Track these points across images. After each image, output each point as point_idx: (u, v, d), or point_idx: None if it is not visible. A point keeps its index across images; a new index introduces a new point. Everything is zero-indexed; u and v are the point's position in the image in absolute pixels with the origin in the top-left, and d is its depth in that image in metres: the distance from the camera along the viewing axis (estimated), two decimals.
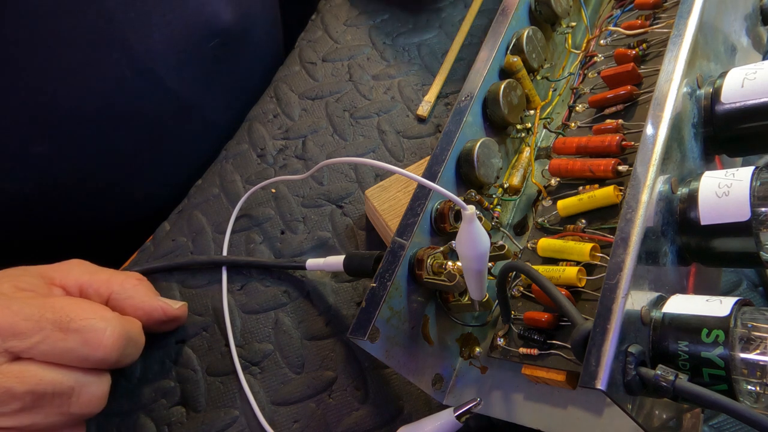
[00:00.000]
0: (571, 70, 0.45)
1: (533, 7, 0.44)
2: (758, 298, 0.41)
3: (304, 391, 0.40)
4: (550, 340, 0.32)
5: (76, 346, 0.32)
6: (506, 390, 0.34)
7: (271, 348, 0.41)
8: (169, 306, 0.40)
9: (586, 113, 0.41)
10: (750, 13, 0.43)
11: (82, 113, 0.44)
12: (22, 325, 0.31)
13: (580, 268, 0.32)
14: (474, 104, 0.38)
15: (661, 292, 0.29)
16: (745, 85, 0.33)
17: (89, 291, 0.38)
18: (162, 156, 0.52)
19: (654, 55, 0.39)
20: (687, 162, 0.33)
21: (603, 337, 0.26)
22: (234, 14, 0.51)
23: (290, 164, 0.50)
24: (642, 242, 0.28)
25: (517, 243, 0.39)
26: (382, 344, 0.32)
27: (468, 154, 0.36)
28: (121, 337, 0.34)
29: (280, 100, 0.53)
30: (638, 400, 0.27)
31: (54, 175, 0.46)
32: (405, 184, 0.43)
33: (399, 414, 0.38)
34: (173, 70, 0.48)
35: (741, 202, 0.29)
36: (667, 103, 0.32)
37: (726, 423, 0.37)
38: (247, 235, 0.46)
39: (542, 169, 0.40)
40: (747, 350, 0.26)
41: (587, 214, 0.35)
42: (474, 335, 0.37)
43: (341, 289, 0.43)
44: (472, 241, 0.28)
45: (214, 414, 0.39)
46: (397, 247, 0.33)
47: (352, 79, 0.54)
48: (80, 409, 0.33)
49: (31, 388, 0.31)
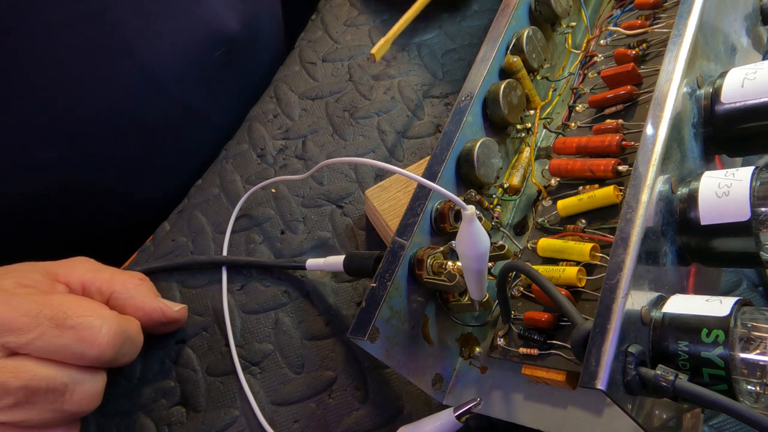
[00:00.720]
0: (571, 70, 0.45)
1: (533, 7, 0.44)
2: (758, 298, 0.41)
3: (304, 391, 0.40)
4: (550, 340, 0.32)
5: (71, 342, 0.33)
6: (506, 390, 0.34)
7: (271, 348, 0.41)
8: (168, 308, 0.40)
9: (586, 113, 0.41)
10: (750, 13, 0.43)
11: (88, 120, 0.45)
12: (19, 321, 0.32)
13: (580, 268, 0.32)
14: (474, 104, 0.38)
15: (661, 292, 0.29)
16: (745, 85, 0.33)
17: (91, 289, 0.38)
18: (164, 159, 0.52)
19: (654, 55, 0.39)
20: (687, 162, 0.33)
21: (603, 337, 0.26)
22: (240, 23, 0.52)
23: (290, 164, 0.50)
24: (642, 242, 0.28)
25: (517, 243, 0.39)
26: (382, 344, 0.32)
27: (468, 154, 0.36)
28: (117, 335, 0.34)
29: (280, 100, 0.53)
30: (638, 400, 0.27)
31: (59, 180, 0.46)
32: (405, 184, 0.43)
33: (399, 414, 0.38)
34: (179, 77, 0.48)
35: (741, 202, 0.29)
36: (667, 103, 0.32)
37: (726, 423, 0.37)
38: (247, 235, 0.46)
39: (542, 169, 0.40)
40: (747, 350, 0.26)
41: (587, 214, 0.35)
42: (474, 335, 0.37)
43: (341, 289, 0.43)
44: (472, 241, 0.28)
45: (214, 414, 0.39)
46: (397, 247, 0.33)
47: (352, 79, 0.54)
48: (74, 406, 0.33)
49: (25, 383, 0.31)
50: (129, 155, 0.50)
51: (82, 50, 0.42)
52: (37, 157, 0.45)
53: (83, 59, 0.42)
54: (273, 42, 0.60)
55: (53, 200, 0.47)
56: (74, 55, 0.42)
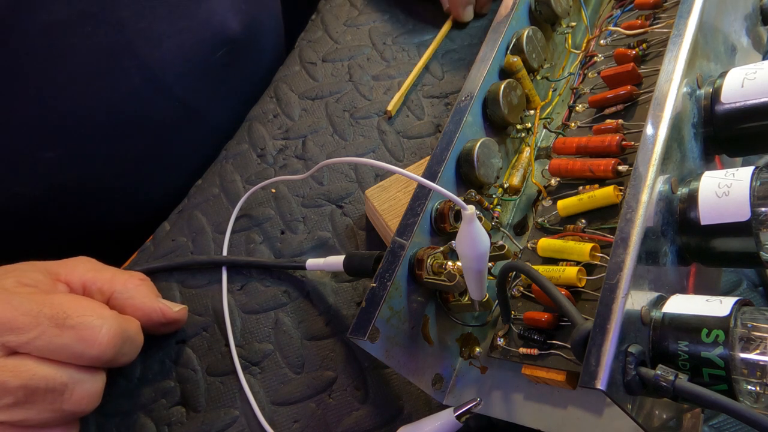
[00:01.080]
0: (571, 70, 0.45)
1: (533, 7, 0.44)
2: (758, 298, 0.41)
3: (304, 391, 0.40)
4: (550, 340, 0.32)
5: (71, 342, 0.33)
6: (506, 390, 0.34)
7: (271, 348, 0.41)
8: (168, 308, 0.40)
9: (586, 113, 0.41)
10: (750, 13, 0.43)
11: (91, 120, 0.45)
12: (20, 320, 0.32)
13: (580, 268, 0.32)
14: (474, 104, 0.38)
15: (661, 292, 0.29)
16: (745, 85, 0.33)
17: (92, 288, 0.38)
18: (164, 159, 0.52)
19: (654, 55, 0.39)
20: (687, 162, 0.33)
21: (603, 337, 0.26)
22: (241, 24, 0.52)
23: (290, 164, 0.50)
24: (642, 242, 0.28)
25: (517, 243, 0.39)
26: (382, 344, 0.32)
27: (468, 154, 0.36)
28: (116, 335, 0.34)
29: (280, 100, 0.53)
30: (638, 400, 0.27)
31: (62, 179, 0.47)
32: (405, 184, 0.43)
33: (399, 414, 0.38)
34: (181, 77, 0.49)
35: (741, 202, 0.29)
36: (667, 103, 0.32)
37: (726, 423, 0.37)
38: (247, 235, 0.46)
39: (542, 169, 0.40)
40: (747, 350, 0.26)
41: (587, 214, 0.35)
42: (474, 335, 0.37)
43: (341, 289, 0.43)
44: (472, 241, 0.28)
45: (214, 414, 0.39)
46: (397, 247, 0.33)
47: (352, 80, 0.54)
48: (73, 406, 0.33)
49: (24, 382, 0.31)
50: (129, 155, 0.50)
51: (83, 50, 0.42)
52: (38, 157, 0.45)
53: (84, 59, 0.43)
54: (273, 42, 0.61)
55: (54, 200, 0.48)
56: (75, 55, 0.42)
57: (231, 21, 0.51)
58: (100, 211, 0.52)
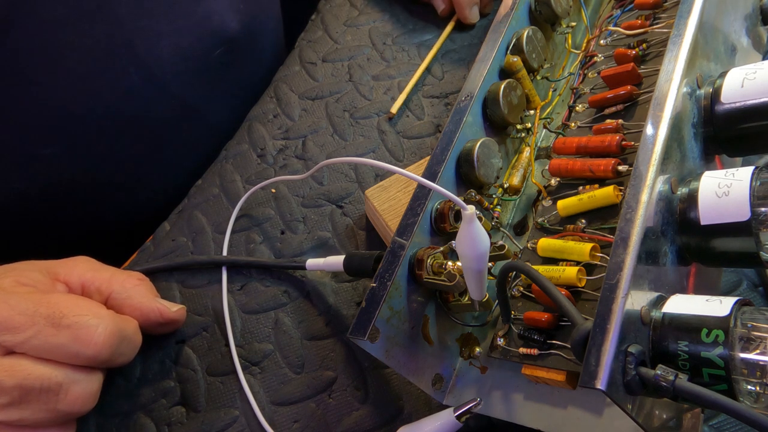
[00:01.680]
0: (571, 70, 0.45)
1: (533, 7, 0.44)
2: (758, 298, 0.41)
3: (304, 391, 0.40)
4: (550, 340, 0.32)
5: (66, 342, 0.32)
6: (506, 390, 0.34)
7: (271, 348, 0.41)
8: (166, 308, 0.40)
9: (586, 113, 0.41)
10: (750, 13, 0.43)
11: (90, 118, 0.45)
12: (16, 320, 0.32)
13: (580, 268, 0.32)
14: (474, 104, 0.38)
15: (661, 292, 0.29)
16: (745, 85, 0.33)
17: (91, 288, 0.38)
18: (164, 159, 0.52)
19: (654, 55, 0.39)
20: (687, 162, 0.33)
21: (603, 337, 0.26)
22: (240, 23, 0.52)
23: (290, 164, 0.50)
24: (642, 242, 0.28)
25: (517, 243, 0.39)
26: (382, 344, 0.32)
27: (468, 154, 0.36)
28: (113, 335, 0.34)
29: (280, 100, 0.53)
30: (638, 400, 0.27)
31: (60, 177, 0.47)
32: (405, 184, 0.43)
33: (399, 414, 0.38)
34: (180, 76, 0.49)
35: (741, 202, 0.29)
36: (667, 103, 0.32)
37: (726, 423, 0.37)
38: (247, 235, 0.46)
39: (542, 169, 0.40)
40: (747, 350, 0.26)
41: (587, 214, 0.35)
42: (474, 335, 0.37)
43: (341, 289, 0.43)
44: (472, 241, 0.28)
45: (214, 414, 0.39)
46: (397, 247, 0.33)
47: (352, 80, 0.54)
48: (68, 406, 0.33)
49: (19, 382, 0.31)
50: (129, 154, 0.50)
51: (82, 48, 0.42)
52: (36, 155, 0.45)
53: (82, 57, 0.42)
54: (273, 42, 0.61)
55: (53, 199, 0.47)
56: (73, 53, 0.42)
57: (230, 20, 0.51)
58: (99, 210, 0.52)
